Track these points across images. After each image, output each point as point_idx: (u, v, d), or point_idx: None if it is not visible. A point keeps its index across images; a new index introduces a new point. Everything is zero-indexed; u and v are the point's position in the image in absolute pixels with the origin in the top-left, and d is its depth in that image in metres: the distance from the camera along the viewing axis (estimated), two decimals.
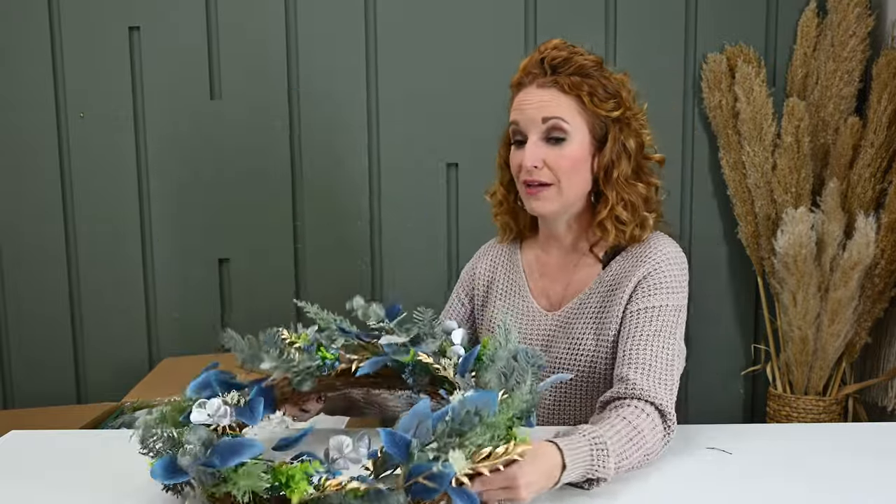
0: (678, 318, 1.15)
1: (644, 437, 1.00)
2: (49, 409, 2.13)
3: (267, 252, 2.36)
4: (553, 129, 1.16)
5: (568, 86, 1.16)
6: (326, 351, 1.03)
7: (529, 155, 1.16)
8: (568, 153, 1.16)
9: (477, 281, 1.36)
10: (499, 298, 1.32)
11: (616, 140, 1.19)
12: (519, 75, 1.21)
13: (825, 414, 2.13)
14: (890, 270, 2.06)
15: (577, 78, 1.17)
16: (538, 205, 1.19)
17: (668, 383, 1.08)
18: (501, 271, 1.34)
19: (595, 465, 0.93)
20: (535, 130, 1.17)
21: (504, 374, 0.91)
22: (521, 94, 1.20)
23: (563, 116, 1.16)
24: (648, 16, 2.28)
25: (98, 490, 0.97)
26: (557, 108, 1.16)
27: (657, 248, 1.19)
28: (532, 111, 1.17)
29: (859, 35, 2.11)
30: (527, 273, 1.30)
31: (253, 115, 2.31)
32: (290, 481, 0.75)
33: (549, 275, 1.28)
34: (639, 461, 1.00)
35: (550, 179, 1.17)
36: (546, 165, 1.16)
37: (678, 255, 1.20)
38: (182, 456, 0.79)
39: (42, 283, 2.36)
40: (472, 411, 0.80)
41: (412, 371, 1.02)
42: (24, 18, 2.28)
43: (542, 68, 1.18)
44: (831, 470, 1.01)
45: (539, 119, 1.16)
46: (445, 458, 0.77)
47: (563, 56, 1.17)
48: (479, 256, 1.39)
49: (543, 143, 1.17)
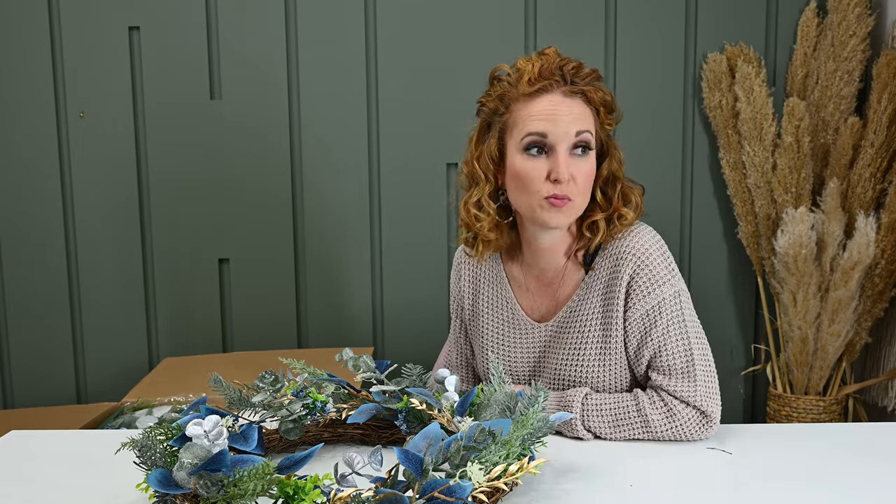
0: (681, 302, 1.15)
1: (640, 414, 1.12)
2: (49, 409, 2.13)
3: (267, 252, 2.36)
4: (581, 143, 1.13)
5: (593, 97, 1.14)
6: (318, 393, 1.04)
7: (563, 167, 1.11)
8: (590, 167, 1.15)
9: (462, 294, 1.35)
10: (487, 312, 1.30)
11: (614, 154, 1.20)
12: (537, 80, 1.14)
13: (825, 414, 2.13)
14: (890, 270, 2.06)
15: (596, 89, 1.15)
16: (558, 219, 1.14)
17: (690, 375, 1.13)
18: (485, 284, 1.31)
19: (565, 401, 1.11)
20: (565, 143, 1.13)
21: (508, 407, 0.92)
22: (546, 101, 1.13)
23: (591, 130, 1.15)
24: (648, 16, 2.28)
25: (98, 490, 0.97)
26: (585, 120, 1.14)
27: (634, 241, 1.17)
28: (566, 124, 1.12)
29: (859, 35, 2.11)
30: (514, 285, 1.28)
31: (253, 115, 2.31)
32: (298, 493, 0.75)
33: (535, 291, 1.27)
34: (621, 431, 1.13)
35: (574, 194, 1.14)
36: (572, 178, 1.13)
37: (656, 241, 1.18)
38: (178, 470, 0.79)
39: (42, 282, 2.36)
40: (487, 431, 0.81)
41: (405, 418, 1.02)
42: (25, 19, 2.28)
43: (561, 75, 1.14)
44: (831, 470, 1.01)
45: (573, 132, 1.12)
46: (462, 471, 0.77)
47: (576, 65, 1.15)
48: (457, 271, 1.35)
49: (569, 157, 1.13)
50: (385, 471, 0.80)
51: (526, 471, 0.82)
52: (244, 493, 0.75)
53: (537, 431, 0.89)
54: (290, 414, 1.02)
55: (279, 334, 2.39)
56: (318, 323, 2.39)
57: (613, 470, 1.02)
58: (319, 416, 1.05)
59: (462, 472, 0.79)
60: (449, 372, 1.05)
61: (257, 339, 2.38)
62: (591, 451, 1.09)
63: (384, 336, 2.40)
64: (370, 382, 1.08)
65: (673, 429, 1.12)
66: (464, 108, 2.30)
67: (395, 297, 2.38)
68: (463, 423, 0.94)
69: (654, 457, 1.07)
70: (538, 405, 0.91)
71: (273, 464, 0.77)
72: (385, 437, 1.10)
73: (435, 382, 1.06)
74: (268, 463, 0.77)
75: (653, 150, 2.32)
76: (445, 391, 1.02)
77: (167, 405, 1.90)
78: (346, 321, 2.39)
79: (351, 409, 1.07)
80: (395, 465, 0.79)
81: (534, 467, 0.82)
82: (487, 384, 1.01)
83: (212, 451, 0.80)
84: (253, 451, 0.92)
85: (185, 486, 0.78)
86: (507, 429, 0.85)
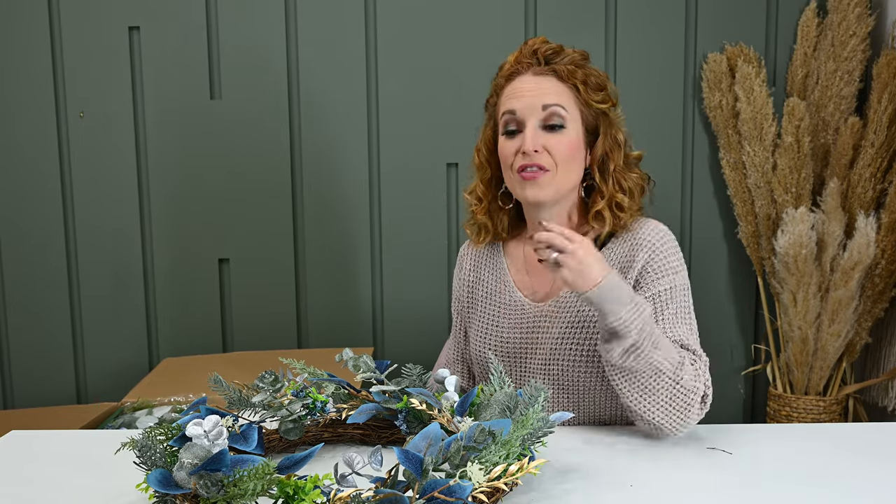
0: (688, 296, 1.19)
1: (679, 366, 1.07)
2: (49, 409, 2.13)
3: (267, 252, 2.36)
4: (552, 116, 1.16)
5: (566, 74, 1.17)
6: (318, 393, 1.04)
7: (530, 139, 1.16)
8: (566, 140, 1.17)
9: (462, 285, 1.36)
10: (484, 298, 1.31)
11: (607, 133, 1.21)
12: (510, 66, 1.21)
13: (825, 414, 2.13)
14: (890, 270, 2.06)
15: (573, 67, 1.18)
16: (533, 191, 1.18)
17: (698, 357, 1.13)
18: (486, 272, 1.33)
19: (624, 314, 1.03)
20: (534, 117, 1.17)
21: (508, 407, 0.92)
22: (516, 82, 1.20)
23: (562, 104, 1.17)
24: (648, 16, 2.28)
25: (98, 490, 0.97)
26: (557, 95, 1.17)
27: (650, 231, 1.20)
28: (531, 98, 1.17)
29: (859, 35, 2.11)
30: (513, 271, 1.30)
31: (253, 115, 2.31)
32: (298, 493, 0.75)
33: (535, 271, 1.27)
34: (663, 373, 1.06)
35: (549, 164, 1.16)
36: (545, 150, 1.16)
37: (669, 235, 1.21)
38: (178, 470, 0.79)
39: (42, 282, 2.36)
40: (487, 431, 0.81)
41: (405, 418, 1.02)
42: (25, 19, 2.28)
43: (535, 58, 1.19)
44: (831, 470, 1.01)
45: (539, 106, 1.16)
46: (462, 471, 0.77)
47: (553, 48, 1.19)
48: (462, 258, 1.38)
49: (542, 130, 1.17)
50: (385, 471, 0.80)
51: (526, 471, 0.82)
52: (244, 493, 0.75)
53: (537, 431, 0.89)
54: (290, 414, 1.03)
55: (279, 334, 2.39)
56: (318, 323, 2.39)
57: (613, 470, 1.02)
58: (319, 416, 1.05)
59: (462, 472, 0.79)
60: (449, 372, 1.05)
61: (257, 339, 2.38)
62: (591, 451, 1.09)
63: (384, 336, 2.40)
64: (370, 382, 1.08)
65: (690, 396, 1.08)
66: (464, 108, 2.33)
67: (395, 297, 2.38)
68: (463, 423, 0.94)
69: (654, 457, 1.07)
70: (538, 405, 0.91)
71: (273, 464, 0.77)
72: (385, 437, 1.10)
73: (435, 382, 1.06)
74: (268, 463, 0.77)
75: (653, 150, 2.31)
76: (445, 391, 1.02)
77: (167, 405, 1.90)
78: (345, 321, 2.39)
79: (351, 409, 1.07)
80: (395, 465, 0.79)
81: (534, 467, 0.82)
82: (487, 384, 1.01)
83: (212, 451, 0.80)
84: (253, 451, 0.92)
85: (185, 486, 0.78)
86: (507, 429, 0.85)
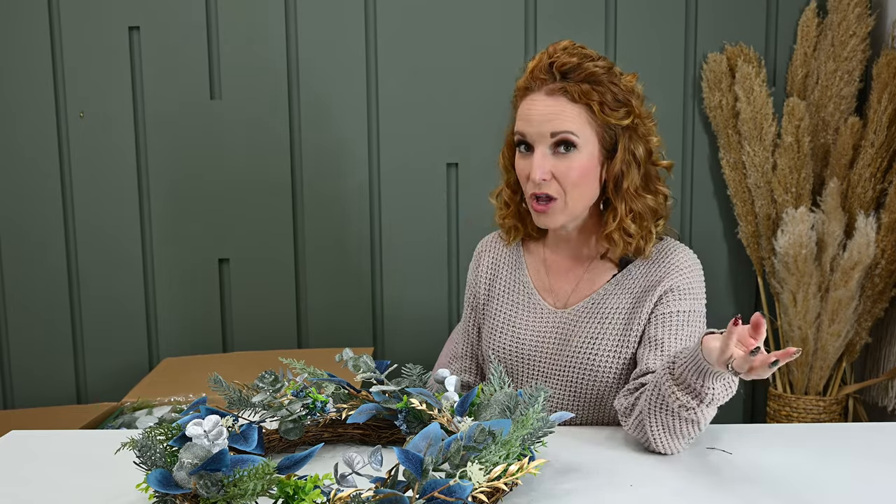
0: (704, 324, 1.19)
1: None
2: (49, 409, 2.13)
3: (267, 252, 2.36)
4: (561, 143, 1.14)
5: (578, 95, 1.12)
6: (318, 393, 1.04)
7: (537, 167, 1.13)
8: (577, 164, 1.14)
9: (479, 280, 1.35)
10: (501, 295, 1.31)
11: (626, 149, 1.16)
12: (526, 79, 1.17)
13: (825, 414, 2.13)
14: (890, 270, 2.06)
15: (587, 86, 1.13)
16: (544, 221, 1.18)
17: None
18: (505, 269, 1.32)
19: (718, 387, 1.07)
20: (543, 143, 1.14)
21: (508, 407, 0.92)
22: (528, 100, 1.16)
23: (572, 130, 1.13)
24: (648, 16, 2.28)
25: (98, 490, 0.97)
26: (566, 121, 1.13)
27: (679, 257, 1.21)
28: (540, 124, 1.13)
29: (859, 35, 2.11)
30: (531, 270, 1.30)
31: (253, 115, 2.31)
32: (298, 493, 0.75)
33: (557, 273, 1.27)
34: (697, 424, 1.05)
35: (557, 193, 1.15)
36: (553, 177, 1.14)
37: (697, 263, 1.22)
38: (178, 470, 0.79)
39: (42, 282, 2.36)
40: (487, 431, 0.81)
41: (405, 418, 1.02)
42: (25, 19, 2.28)
43: (550, 73, 1.14)
44: (831, 470, 1.01)
45: (547, 133, 1.13)
46: (462, 471, 0.77)
47: (573, 62, 1.13)
48: (481, 254, 1.36)
49: (551, 155, 1.14)
50: (385, 471, 0.80)
51: (526, 471, 0.82)
52: (244, 493, 0.75)
53: (537, 431, 0.89)
54: (290, 414, 1.03)
55: (279, 334, 2.39)
56: (318, 323, 2.39)
57: (613, 470, 1.02)
58: (319, 416, 1.05)
59: (462, 472, 0.79)
60: (449, 372, 1.05)
61: (257, 339, 2.38)
62: (591, 452, 1.09)
63: (384, 336, 2.40)
64: (370, 382, 1.08)
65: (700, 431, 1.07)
66: (464, 108, 2.33)
67: (395, 297, 2.38)
68: (463, 423, 0.94)
69: (654, 457, 1.07)
70: (538, 405, 0.91)
71: (273, 464, 0.77)
72: (385, 437, 1.10)
73: (435, 382, 1.06)
74: (268, 463, 0.77)
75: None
76: (445, 391, 1.02)
77: (167, 405, 1.90)
78: (345, 321, 2.39)
79: (351, 409, 1.07)
80: (395, 465, 0.79)
81: (534, 467, 0.82)
82: (487, 384, 1.01)
83: (212, 451, 0.80)
84: (253, 451, 0.92)
85: (185, 486, 0.78)
86: (507, 429, 0.85)
